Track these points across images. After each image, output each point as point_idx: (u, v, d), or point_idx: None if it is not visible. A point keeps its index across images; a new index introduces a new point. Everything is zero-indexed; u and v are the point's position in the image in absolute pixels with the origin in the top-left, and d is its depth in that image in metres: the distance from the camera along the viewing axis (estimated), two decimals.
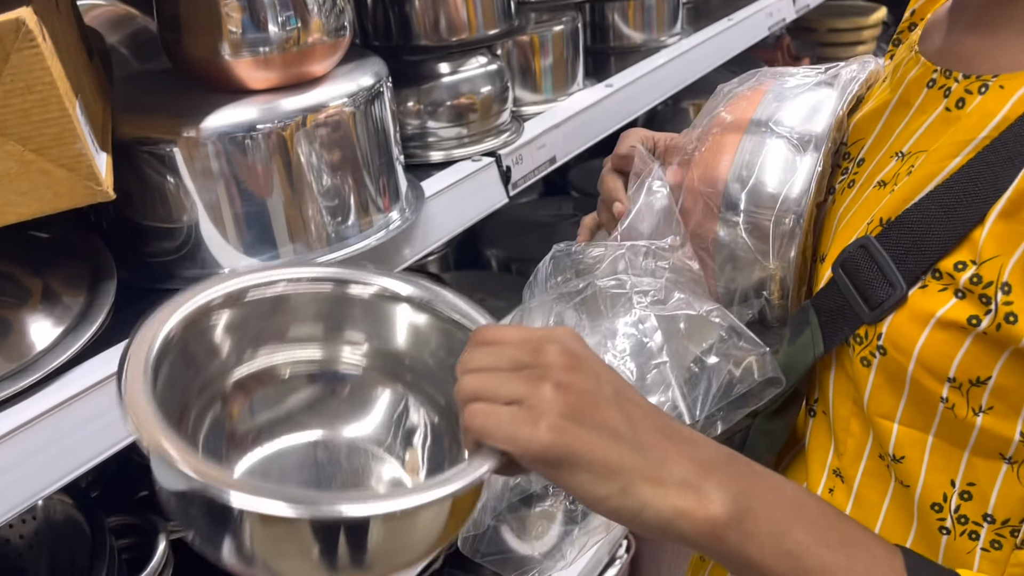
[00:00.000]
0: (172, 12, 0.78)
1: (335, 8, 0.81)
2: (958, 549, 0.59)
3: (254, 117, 0.79)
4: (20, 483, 0.62)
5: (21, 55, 0.56)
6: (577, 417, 0.47)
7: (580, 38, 1.27)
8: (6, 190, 0.60)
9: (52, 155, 0.60)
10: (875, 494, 0.63)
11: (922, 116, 0.63)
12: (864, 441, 0.63)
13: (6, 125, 0.58)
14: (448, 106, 1.06)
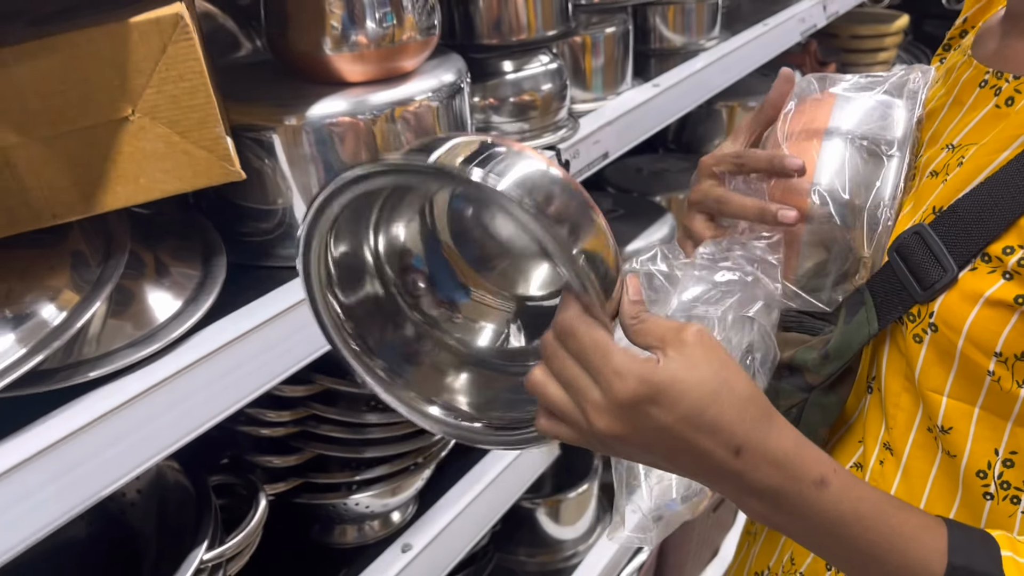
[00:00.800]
0: (280, 9, 0.84)
1: (427, 8, 0.87)
2: (1000, 513, 0.64)
3: (347, 108, 0.85)
4: (143, 444, 0.68)
5: (177, 47, 0.62)
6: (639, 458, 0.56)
7: (630, 40, 1.33)
8: (153, 168, 0.66)
9: (194, 137, 0.66)
10: (923, 464, 0.69)
11: (973, 113, 0.69)
12: (914, 415, 0.69)
13: (157, 109, 0.64)
14: (512, 102, 1.12)
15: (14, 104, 0.60)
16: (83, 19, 0.62)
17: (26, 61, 0.59)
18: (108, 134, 0.64)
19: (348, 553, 1.09)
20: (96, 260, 0.71)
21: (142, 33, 0.61)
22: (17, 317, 0.64)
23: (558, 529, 1.61)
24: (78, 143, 0.63)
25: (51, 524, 0.61)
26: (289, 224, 0.88)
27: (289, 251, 0.88)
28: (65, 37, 0.59)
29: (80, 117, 0.62)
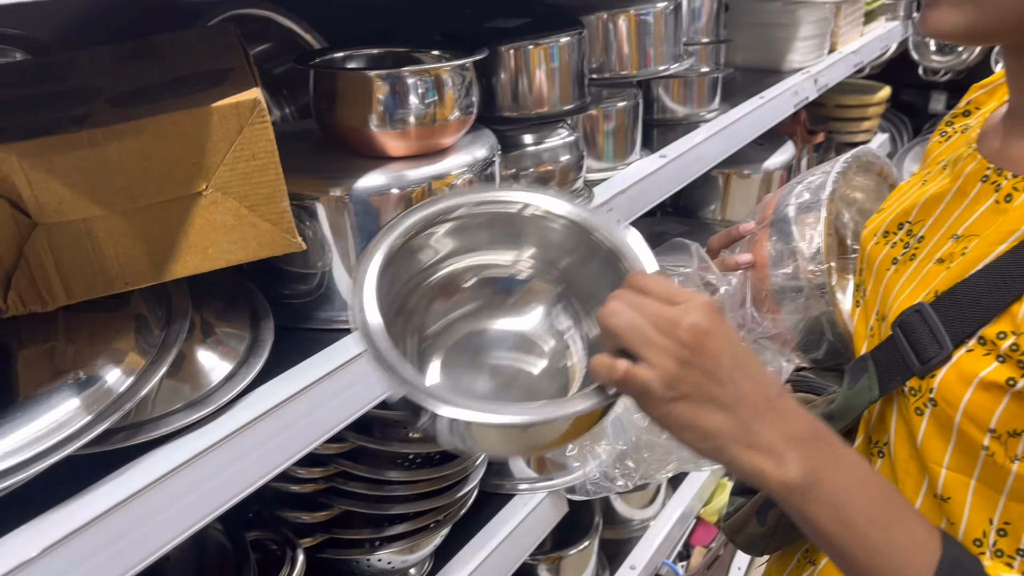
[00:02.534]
0: (329, 86, 0.89)
1: (466, 87, 0.92)
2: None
3: (388, 182, 0.89)
4: (198, 504, 0.71)
5: (252, 128, 0.67)
6: (691, 394, 0.58)
7: (639, 112, 1.40)
8: (221, 239, 0.70)
9: (261, 211, 0.70)
10: None
11: (976, 206, 0.75)
12: (921, 481, 0.73)
13: (229, 185, 0.68)
14: (532, 172, 1.17)
15: (101, 180, 0.64)
16: (164, 101, 0.67)
17: (116, 141, 0.63)
18: (182, 208, 0.68)
19: None
20: (158, 323, 0.74)
21: (222, 116, 0.65)
22: (88, 380, 0.67)
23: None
24: (155, 216, 0.67)
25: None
26: (328, 287, 0.92)
27: (328, 314, 0.92)
28: (152, 120, 0.64)
29: (159, 192, 0.66)
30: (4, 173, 0.61)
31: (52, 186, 0.63)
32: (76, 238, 0.65)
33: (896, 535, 0.60)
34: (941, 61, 2.99)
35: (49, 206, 0.63)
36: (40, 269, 0.65)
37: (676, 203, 1.98)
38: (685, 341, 0.58)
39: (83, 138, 0.62)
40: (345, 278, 0.92)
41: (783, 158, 1.94)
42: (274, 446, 0.75)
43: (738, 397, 0.59)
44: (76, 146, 0.62)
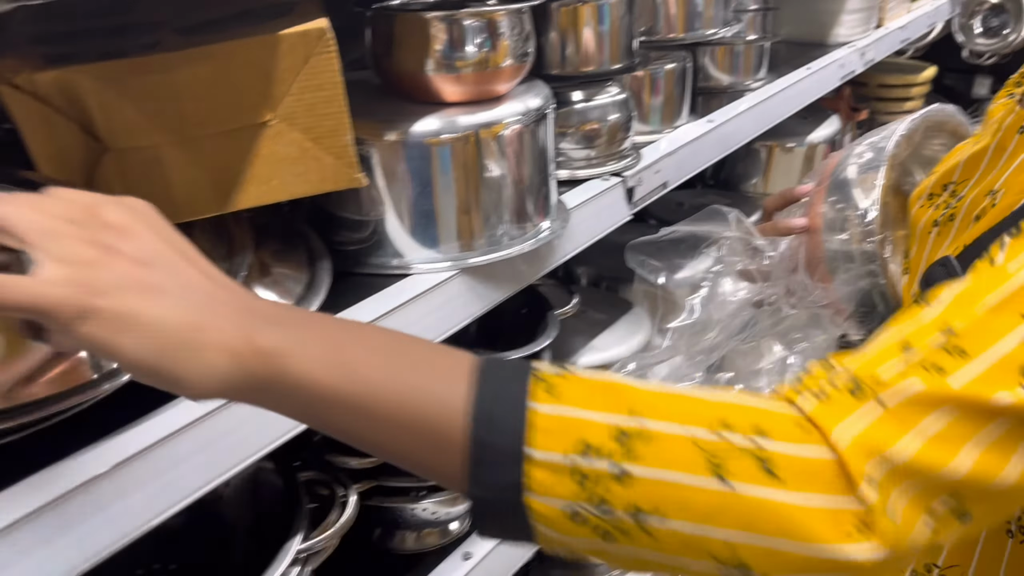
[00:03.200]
0: (387, 29, 0.89)
1: (523, 35, 0.92)
2: None
3: (441, 127, 0.89)
4: (255, 436, 0.71)
5: (319, 58, 0.67)
6: (122, 284, 0.43)
7: (688, 77, 1.39)
8: (285, 171, 0.70)
9: (325, 144, 0.71)
10: None
11: (1012, 159, 0.73)
12: None
13: (294, 116, 0.69)
14: (581, 130, 1.17)
15: (170, 106, 0.64)
16: (232, 30, 0.67)
17: (186, 66, 0.64)
18: (248, 138, 0.68)
19: (407, 559, 1.12)
20: (219, 258, 0.75)
21: (290, 44, 0.66)
22: None
23: None
24: (221, 145, 0.68)
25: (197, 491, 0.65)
26: (379, 235, 0.92)
27: (381, 259, 0.92)
28: (221, 46, 0.64)
29: (226, 120, 0.67)
30: (77, 95, 0.61)
31: (123, 110, 0.63)
32: (144, 165, 0.66)
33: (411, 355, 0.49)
34: (986, 44, 2.92)
35: (119, 131, 0.64)
36: None
37: (717, 175, 1.96)
38: (109, 223, 0.45)
39: (154, 62, 0.63)
40: (396, 225, 0.92)
41: (827, 132, 1.91)
42: None
43: (186, 283, 0.45)
44: (148, 70, 0.63)
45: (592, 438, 0.44)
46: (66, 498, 0.57)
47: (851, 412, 0.46)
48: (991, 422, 0.46)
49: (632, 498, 0.44)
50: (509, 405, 0.45)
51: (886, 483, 0.45)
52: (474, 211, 0.93)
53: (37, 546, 0.55)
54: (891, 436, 0.46)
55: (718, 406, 0.47)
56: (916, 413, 0.46)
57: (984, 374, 0.47)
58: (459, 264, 0.93)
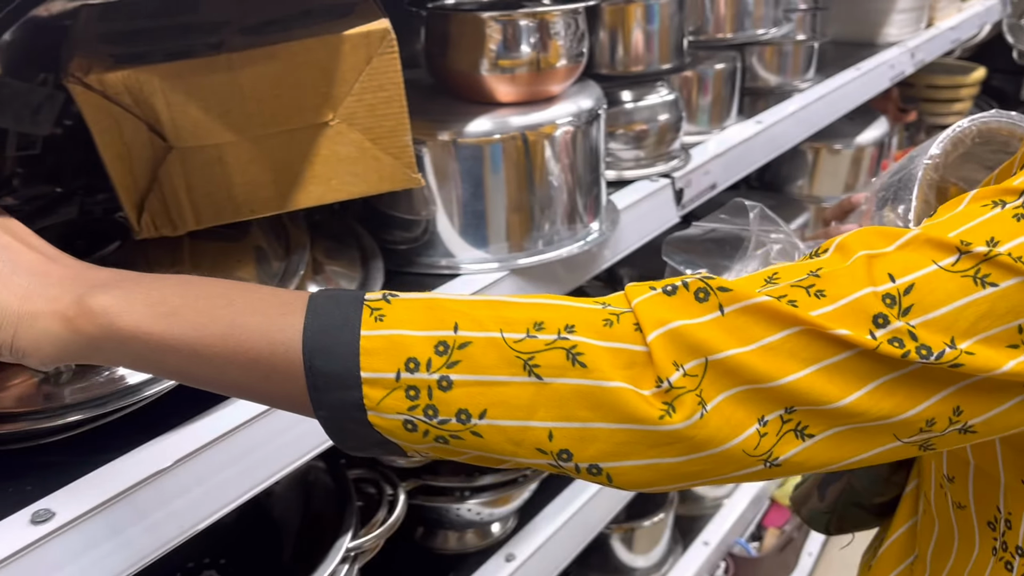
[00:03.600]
0: (442, 30, 0.89)
1: (578, 35, 0.91)
2: None
3: (493, 127, 0.89)
4: (306, 437, 0.72)
5: (381, 59, 0.67)
6: None
7: (738, 76, 1.37)
8: (344, 171, 0.70)
9: (384, 144, 0.71)
10: None
11: None
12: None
13: (355, 116, 0.69)
14: (631, 130, 1.16)
15: (235, 105, 0.65)
16: (295, 30, 0.67)
17: (251, 66, 0.64)
18: (309, 137, 0.69)
19: (450, 559, 1.12)
20: (277, 256, 0.75)
21: (353, 45, 0.66)
22: None
23: (631, 557, 1.62)
24: (282, 144, 0.68)
25: (236, 499, 0.65)
26: (432, 233, 0.92)
27: (432, 259, 0.92)
28: (286, 46, 0.64)
29: (288, 120, 0.67)
30: (146, 95, 0.62)
31: (189, 109, 0.64)
32: (207, 163, 0.66)
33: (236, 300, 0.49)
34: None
35: (185, 130, 0.64)
36: (172, 193, 0.67)
37: (762, 177, 1.94)
38: None
39: (220, 62, 0.63)
40: (447, 226, 0.92)
41: (875, 134, 1.88)
42: None
43: (15, 261, 0.50)
44: (214, 69, 0.63)
45: (416, 352, 0.47)
46: (134, 490, 0.57)
47: (685, 313, 0.47)
48: (829, 348, 0.46)
49: (456, 403, 0.47)
50: (341, 334, 0.47)
51: (698, 373, 0.46)
52: (525, 212, 0.93)
53: (107, 537, 0.56)
54: (714, 335, 0.47)
55: (535, 307, 0.49)
56: (752, 323, 0.47)
57: (834, 312, 0.47)
58: (509, 265, 0.92)
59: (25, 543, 0.52)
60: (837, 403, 0.46)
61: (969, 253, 0.47)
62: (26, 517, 0.54)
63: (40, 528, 0.53)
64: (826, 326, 0.46)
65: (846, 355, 0.46)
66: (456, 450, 0.48)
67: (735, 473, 0.48)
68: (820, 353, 0.46)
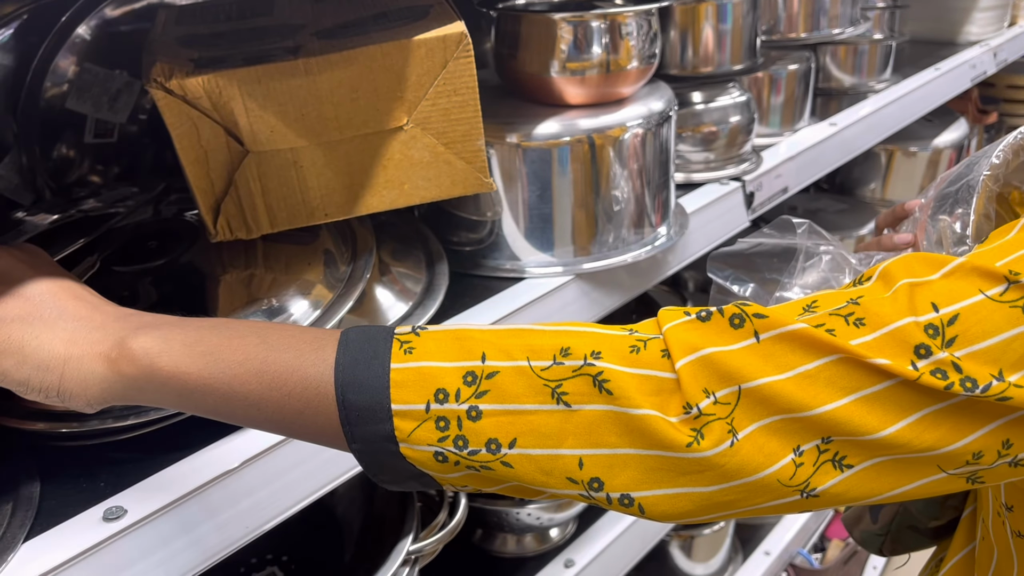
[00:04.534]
0: (513, 31, 0.89)
1: (650, 36, 0.90)
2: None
3: (561, 130, 0.88)
4: None
5: (457, 63, 0.66)
6: None
7: (811, 77, 1.33)
8: (417, 176, 0.70)
9: (457, 149, 0.70)
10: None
11: None
12: None
13: (429, 121, 0.68)
14: (700, 132, 1.14)
15: (312, 110, 0.65)
16: (370, 34, 0.67)
17: (328, 71, 0.64)
18: (383, 142, 0.68)
19: (508, 563, 1.11)
20: (343, 259, 0.75)
21: (429, 49, 0.65)
22: (280, 308, 0.69)
23: (690, 565, 1.59)
24: (356, 149, 0.68)
25: (302, 500, 0.65)
26: (497, 236, 0.91)
27: (497, 262, 0.92)
28: (363, 51, 0.64)
29: (363, 125, 0.67)
30: (224, 100, 0.62)
31: (266, 114, 0.64)
32: (283, 168, 0.67)
33: (271, 337, 0.50)
34: None
35: (262, 134, 0.65)
36: (248, 197, 0.67)
37: (832, 180, 1.89)
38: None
39: (298, 66, 0.63)
40: (513, 228, 0.91)
41: (954, 136, 1.81)
42: None
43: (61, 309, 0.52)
44: (292, 74, 0.63)
45: (445, 383, 0.47)
46: (204, 489, 0.58)
47: (720, 340, 0.46)
48: (868, 378, 0.45)
49: (486, 432, 0.47)
50: (371, 367, 0.48)
51: (731, 401, 0.45)
52: (591, 216, 0.91)
53: (177, 535, 0.57)
54: (749, 363, 0.45)
55: (562, 335, 0.48)
56: (789, 351, 0.46)
57: (874, 341, 0.45)
58: (574, 269, 0.91)
59: (97, 540, 0.53)
60: (877, 434, 0.45)
61: (1018, 283, 0.45)
62: (98, 514, 0.55)
63: (112, 525, 0.54)
64: (865, 355, 0.45)
65: (886, 385, 0.45)
66: (489, 479, 0.49)
67: (771, 503, 0.47)
68: (859, 382, 0.45)
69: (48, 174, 0.91)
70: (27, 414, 0.60)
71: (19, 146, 0.88)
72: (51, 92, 0.87)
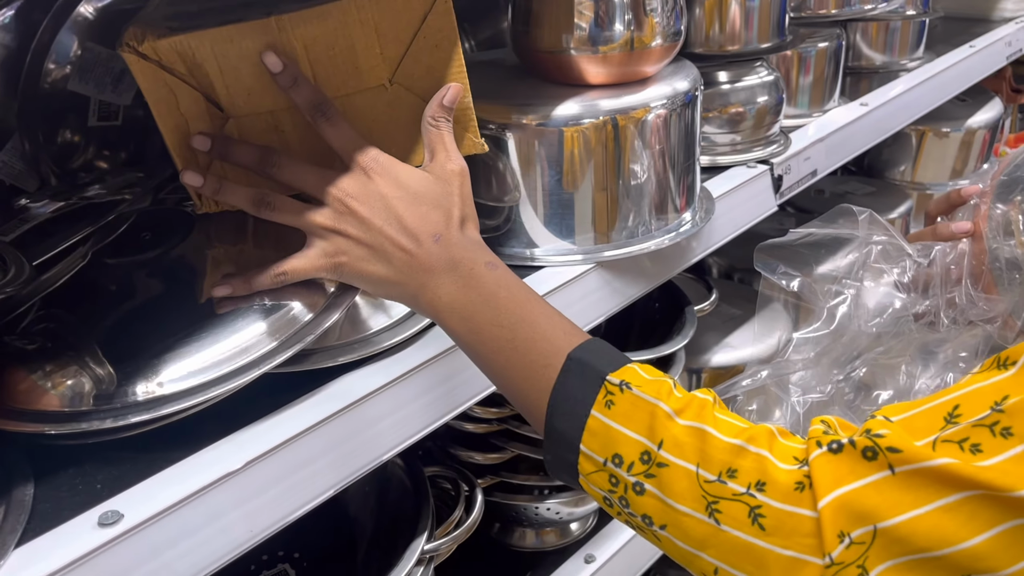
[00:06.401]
0: (527, 6, 0.84)
1: (675, 11, 0.85)
2: None
3: (581, 111, 0.84)
4: (392, 431, 0.68)
5: (436, 16, 0.64)
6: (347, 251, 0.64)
7: (841, 56, 1.28)
8: (404, 137, 0.69)
9: None
10: None
11: None
12: None
13: (413, 79, 0.66)
14: (726, 113, 1.09)
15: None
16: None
17: (301, 27, 0.61)
18: (367, 102, 0.66)
19: (527, 557, 1.09)
20: None
21: (406, 2, 0.63)
22: (273, 296, 0.66)
23: None
24: (340, 110, 0.65)
25: (310, 501, 0.63)
26: (515, 222, 0.88)
27: (515, 249, 0.88)
28: (336, 5, 0.62)
29: (344, 84, 0.65)
30: (198, 61, 0.61)
31: (241, 75, 0.62)
32: (265, 131, 0.65)
33: (519, 335, 0.61)
34: None
35: (239, 97, 0.63)
36: (232, 165, 0.65)
37: (860, 162, 1.83)
38: (354, 211, 0.63)
39: (270, 24, 0.61)
40: (531, 213, 0.87)
41: (988, 116, 1.75)
42: (465, 378, 0.72)
43: (390, 254, 0.63)
44: (264, 32, 0.61)
45: (624, 452, 0.55)
46: (206, 491, 0.55)
47: (853, 474, 0.48)
48: (1013, 511, 0.43)
49: (644, 508, 0.54)
50: (577, 406, 0.57)
51: (866, 541, 0.46)
52: (613, 202, 0.87)
53: (177, 540, 0.54)
54: (884, 500, 0.46)
55: (735, 450, 0.52)
56: (925, 485, 0.45)
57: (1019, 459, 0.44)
58: (595, 257, 0.87)
59: (92, 547, 0.50)
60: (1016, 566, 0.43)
61: None
62: (93, 518, 0.52)
63: (107, 531, 0.51)
64: (1011, 487, 0.43)
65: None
66: (642, 536, 0.56)
67: None
68: (1001, 516, 0.44)
69: (52, 159, 0.88)
70: (20, 414, 0.57)
71: (22, 130, 0.86)
72: (54, 74, 0.84)
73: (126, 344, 0.62)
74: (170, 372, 0.60)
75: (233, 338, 0.63)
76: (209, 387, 0.59)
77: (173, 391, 0.59)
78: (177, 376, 0.60)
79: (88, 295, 0.65)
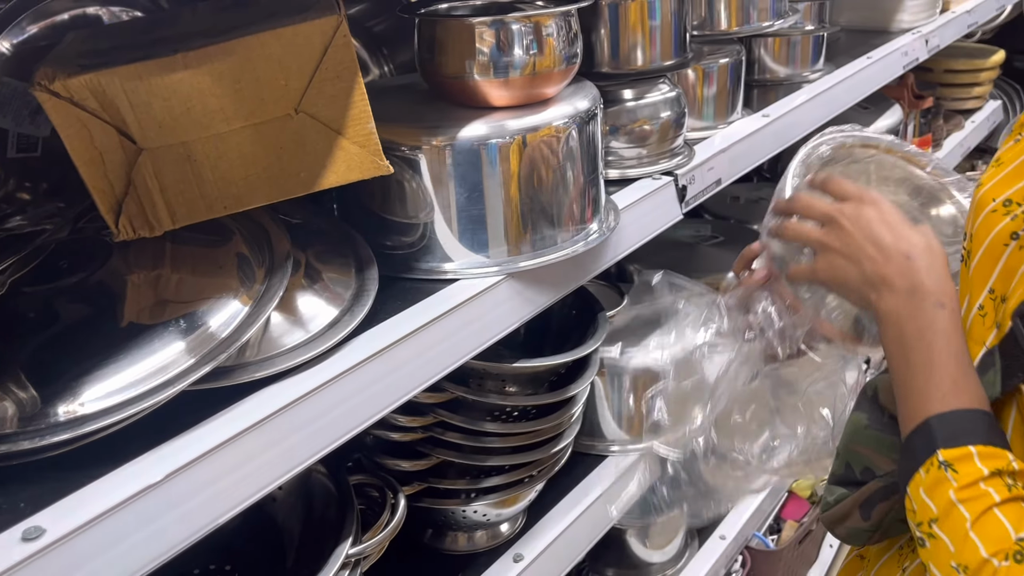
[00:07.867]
0: (431, 35, 0.89)
1: (571, 37, 0.91)
2: None
3: (489, 131, 0.89)
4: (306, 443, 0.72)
5: (336, 49, 0.69)
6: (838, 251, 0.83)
7: (742, 70, 1.36)
8: (312, 163, 0.73)
9: (349, 134, 0.73)
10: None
11: None
12: None
13: (317, 107, 0.71)
14: (632, 129, 1.15)
15: (196, 103, 0.67)
16: (252, 28, 0.69)
17: (208, 63, 0.66)
18: (274, 131, 0.70)
19: (459, 560, 1.12)
20: (258, 261, 0.76)
21: (306, 36, 0.68)
22: (191, 316, 0.69)
23: (646, 552, 1.61)
24: (248, 139, 0.70)
25: (230, 511, 0.66)
26: (430, 238, 0.92)
27: (430, 264, 0.93)
28: (240, 42, 0.66)
29: (251, 114, 0.69)
30: (109, 98, 0.64)
31: (152, 109, 0.66)
32: (177, 162, 0.69)
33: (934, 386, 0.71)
34: None
35: (150, 130, 0.67)
36: (147, 194, 0.69)
37: (774, 168, 1.92)
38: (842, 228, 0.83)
39: (177, 61, 0.66)
40: (445, 229, 0.92)
41: (889, 122, 1.86)
42: (379, 389, 0.76)
43: (860, 270, 0.80)
44: (171, 69, 0.65)
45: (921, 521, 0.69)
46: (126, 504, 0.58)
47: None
48: None
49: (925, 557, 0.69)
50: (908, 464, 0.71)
51: None
52: (522, 215, 0.93)
53: (100, 552, 0.57)
54: None
55: None
56: None
57: None
58: (507, 269, 0.92)
59: (16, 560, 0.53)
60: None
61: None
62: (17, 534, 0.55)
63: (30, 545, 0.54)
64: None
65: None
66: None
67: None
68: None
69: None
70: None
71: None
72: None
73: (48, 367, 0.65)
74: (91, 392, 0.63)
75: (152, 358, 0.67)
76: (129, 405, 0.62)
77: (94, 410, 0.62)
78: (98, 396, 0.63)
79: (8, 323, 0.68)
